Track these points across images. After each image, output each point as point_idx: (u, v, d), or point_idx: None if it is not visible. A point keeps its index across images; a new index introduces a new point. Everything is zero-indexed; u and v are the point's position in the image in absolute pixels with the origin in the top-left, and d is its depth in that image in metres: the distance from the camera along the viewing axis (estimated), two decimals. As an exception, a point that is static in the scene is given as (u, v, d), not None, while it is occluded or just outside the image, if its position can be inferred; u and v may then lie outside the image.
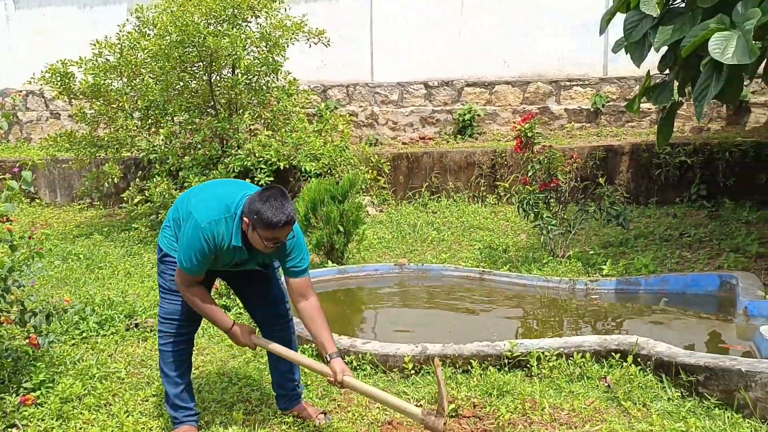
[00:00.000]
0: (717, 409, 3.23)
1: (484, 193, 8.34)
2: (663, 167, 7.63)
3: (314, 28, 7.96)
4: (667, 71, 5.84)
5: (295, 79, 8.18)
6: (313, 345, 3.99)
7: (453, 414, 3.31)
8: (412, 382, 3.71)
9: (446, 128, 9.61)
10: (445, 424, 2.83)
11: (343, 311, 5.29)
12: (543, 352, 3.74)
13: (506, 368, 3.75)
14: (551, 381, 3.62)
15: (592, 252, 6.04)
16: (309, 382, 3.74)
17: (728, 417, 3.17)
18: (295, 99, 8.05)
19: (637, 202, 7.74)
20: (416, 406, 3.16)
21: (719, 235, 6.30)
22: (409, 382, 3.72)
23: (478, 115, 9.41)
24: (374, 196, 8.42)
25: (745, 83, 6.91)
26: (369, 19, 9.81)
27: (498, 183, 7.93)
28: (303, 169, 7.39)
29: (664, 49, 5.52)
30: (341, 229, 5.96)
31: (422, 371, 3.78)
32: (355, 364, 3.85)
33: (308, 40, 7.97)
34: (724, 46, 4.31)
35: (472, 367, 3.73)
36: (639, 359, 3.63)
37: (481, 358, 3.79)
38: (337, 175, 7.38)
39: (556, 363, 3.68)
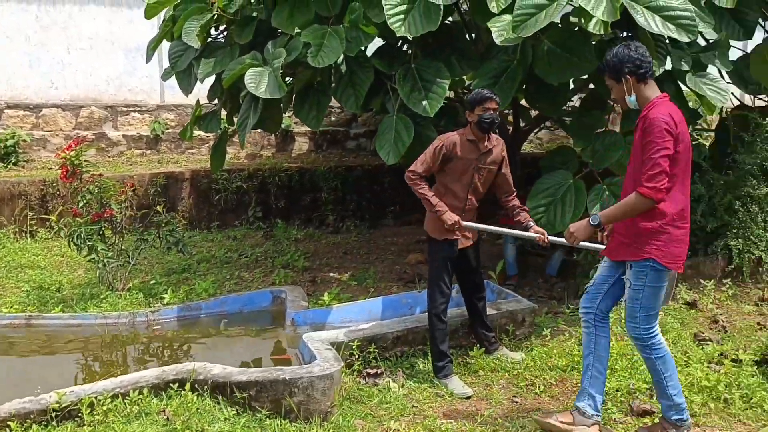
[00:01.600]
0: (268, 419, 3.45)
1: (34, 228, 7.48)
2: (222, 192, 7.98)
3: None
4: (216, 101, 6.12)
5: None
6: None
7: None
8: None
9: (-17, 155, 8.33)
10: None
11: None
12: (96, 397, 3.46)
13: (54, 423, 3.36)
14: (106, 426, 3.37)
15: (153, 281, 5.92)
16: None
17: (278, 424, 3.41)
18: None
19: (201, 227, 7.92)
20: None
21: (273, 253, 6.86)
22: None
23: (24, 141, 8.41)
24: None
25: (287, 114, 7.70)
26: None
27: (49, 216, 7.19)
28: None
29: (212, 79, 5.76)
30: None
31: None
32: None
33: None
34: (258, 81, 4.70)
35: (11, 430, 3.23)
36: (197, 385, 3.64)
37: (21, 417, 3.32)
38: None
39: (112, 405, 3.45)
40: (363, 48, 4.98)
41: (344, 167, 8.40)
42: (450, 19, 5.78)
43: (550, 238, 3.98)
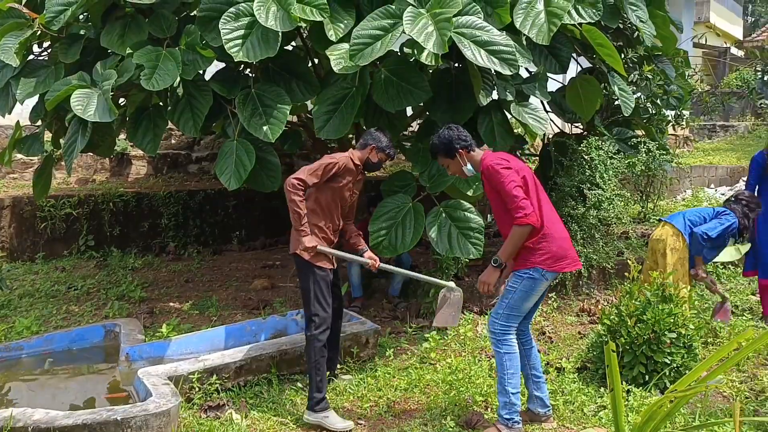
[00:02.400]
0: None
1: None
2: (49, 220, 7.38)
3: None
4: (39, 122, 5.68)
5: None
6: None
7: None
8: None
9: None
10: None
11: None
12: None
13: None
14: None
15: (-35, 322, 5.33)
16: None
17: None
18: None
19: (24, 258, 7.26)
20: None
21: (107, 284, 6.44)
22: None
23: None
24: None
25: (122, 137, 7.32)
26: None
27: None
28: None
29: (35, 100, 5.35)
30: None
31: None
32: None
33: None
34: (86, 103, 4.43)
35: None
36: (16, 434, 3.32)
37: None
38: None
39: None
40: (201, 71, 4.88)
41: (186, 191, 8.11)
42: (293, 44, 5.83)
43: (381, 264, 4.20)
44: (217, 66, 5.08)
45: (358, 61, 4.33)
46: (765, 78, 16.90)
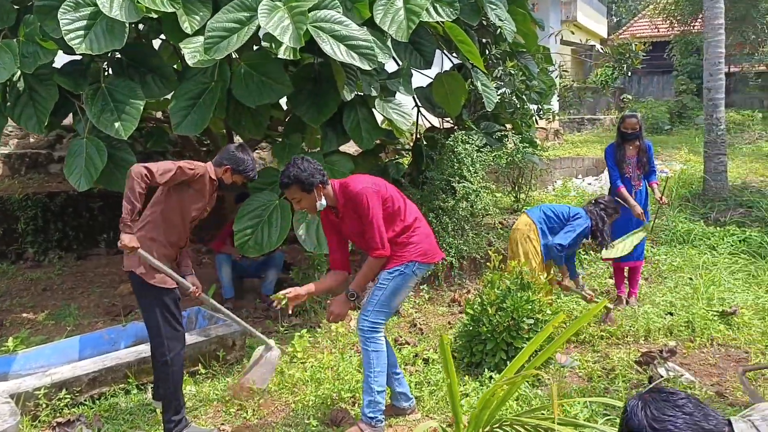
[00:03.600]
0: None
1: None
2: None
3: None
4: None
5: None
6: None
7: None
8: None
9: None
10: None
11: None
12: None
13: None
14: None
15: None
16: None
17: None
18: None
19: None
20: None
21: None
22: None
23: None
24: None
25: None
26: None
27: None
28: None
29: None
30: None
31: None
32: None
33: None
34: None
35: None
36: None
37: None
38: None
39: None
40: (45, 64, 4.55)
41: (45, 193, 7.57)
42: (162, 37, 5.55)
43: (203, 296, 3.88)
44: (67, 58, 4.75)
45: (213, 55, 4.18)
46: (629, 73, 18.11)
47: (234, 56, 4.76)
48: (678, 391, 1.73)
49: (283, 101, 5.53)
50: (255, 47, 4.99)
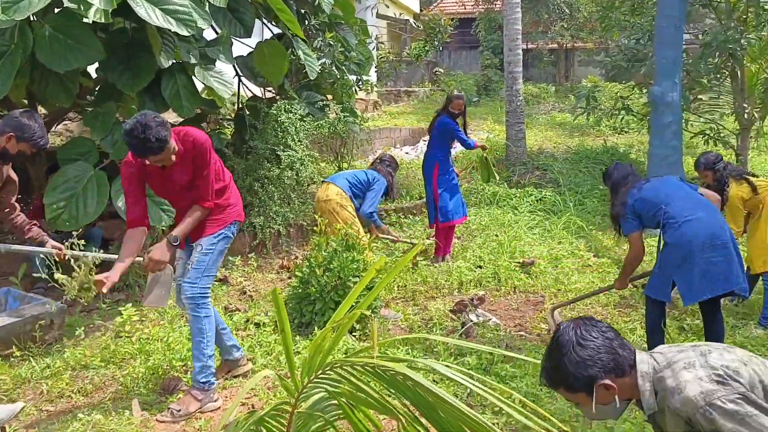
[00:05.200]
0: None
1: None
2: None
3: None
4: None
5: None
6: None
7: None
8: None
9: None
10: None
11: None
12: None
13: None
14: None
15: None
16: None
17: None
18: None
19: None
20: None
21: None
22: None
23: None
24: None
25: None
26: None
27: None
28: None
29: None
30: None
31: None
32: None
33: None
34: None
35: None
36: None
37: None
38: None
39: None
40: None
41: None
42: None
43: (69, 252, 3.79)
44: None
45: (12, 15, 3.88)
46: (440, 48, 19.11)
47: (33, 18, 4.43)
48: (603, 322, 2.09)
49: (92, 70, 5.24)
50: (58, 9, 4.67)
